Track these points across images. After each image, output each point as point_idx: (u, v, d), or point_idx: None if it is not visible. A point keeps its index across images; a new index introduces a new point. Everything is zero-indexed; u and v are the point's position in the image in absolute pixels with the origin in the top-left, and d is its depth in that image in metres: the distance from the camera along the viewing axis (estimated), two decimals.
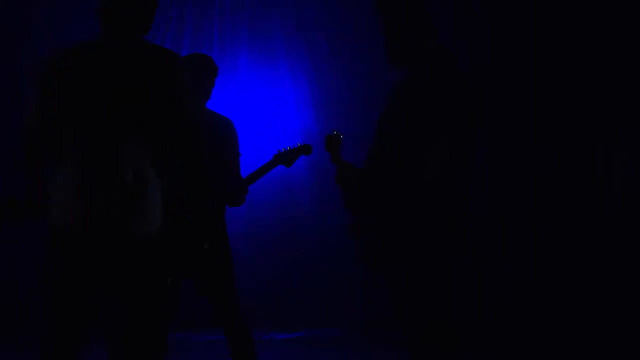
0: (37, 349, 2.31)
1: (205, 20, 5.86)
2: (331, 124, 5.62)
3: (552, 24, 4.97)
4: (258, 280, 5.61)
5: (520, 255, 5.04)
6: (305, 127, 5.81)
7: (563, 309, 4.66)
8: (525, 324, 4.75)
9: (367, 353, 4.97)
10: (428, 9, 2.67)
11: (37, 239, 3.00)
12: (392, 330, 3.84)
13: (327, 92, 5.81)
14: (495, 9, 5.23)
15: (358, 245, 2.72)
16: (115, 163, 2.25)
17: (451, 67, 2.56)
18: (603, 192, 4.79)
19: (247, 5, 5.89)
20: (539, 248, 4.96)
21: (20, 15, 5.64)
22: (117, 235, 2.24)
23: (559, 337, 4.59)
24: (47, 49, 2.44)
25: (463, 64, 2.69)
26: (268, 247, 5.73)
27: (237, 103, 5.81)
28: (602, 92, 4.75)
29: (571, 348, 4.39)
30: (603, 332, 4.30)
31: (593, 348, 4.26)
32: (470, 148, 2.55)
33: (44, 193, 2.36)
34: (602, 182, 4.80)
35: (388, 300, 2.77)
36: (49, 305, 2.29)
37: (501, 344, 4.70)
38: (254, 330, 3.44)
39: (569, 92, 4.90)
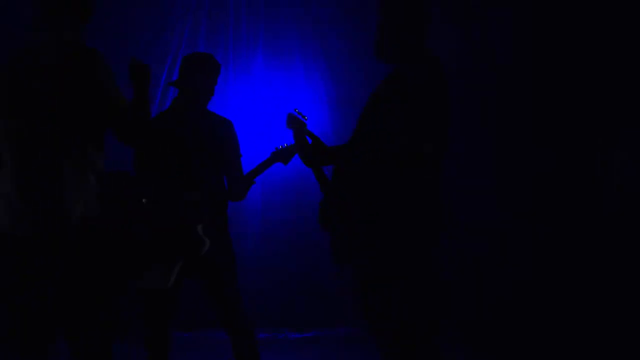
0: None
1: (220, 21, 5.86)
2: (346, 123, 5.61)
3: (552, 24, 4.97)
4: (271, 280, 5.60)
5: (520, 255, 5.04)
6: (320, 127, 5.79)
7: (563, 309, 4.66)
8: (525, 324, 4.74)
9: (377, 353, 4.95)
10: (428, 9, 2.67)
11: None
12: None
13: (342, 92, 5.78)
14: (495, 9, 5.23)
15: (338, 240, 2.72)
16: (37, 164, 2.37)
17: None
18: (603, 192, 4.79)
19: (262, 6, 5.90)
20: (539, 248, 4.96)
21: (20, 15, 5.64)
22: (39, 232, 2.36)
23: (558, 337, 4.59)
24: None
25: (462, 65, 2.70)
26: (282, 247, 5.71)
27: (253, 103, 5.80)
28: (602, 92, 4.76)
29: (571, 348, 4.39)
30: (603, 331, 4.30)
31: (593, 348, 4.25)
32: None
33: None
34: (602, 182, 4.80)
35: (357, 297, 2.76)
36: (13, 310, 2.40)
37: (501, 344, 4.70)
38: (266, 330, 3.39)
39: (569, 92, 4.90)
